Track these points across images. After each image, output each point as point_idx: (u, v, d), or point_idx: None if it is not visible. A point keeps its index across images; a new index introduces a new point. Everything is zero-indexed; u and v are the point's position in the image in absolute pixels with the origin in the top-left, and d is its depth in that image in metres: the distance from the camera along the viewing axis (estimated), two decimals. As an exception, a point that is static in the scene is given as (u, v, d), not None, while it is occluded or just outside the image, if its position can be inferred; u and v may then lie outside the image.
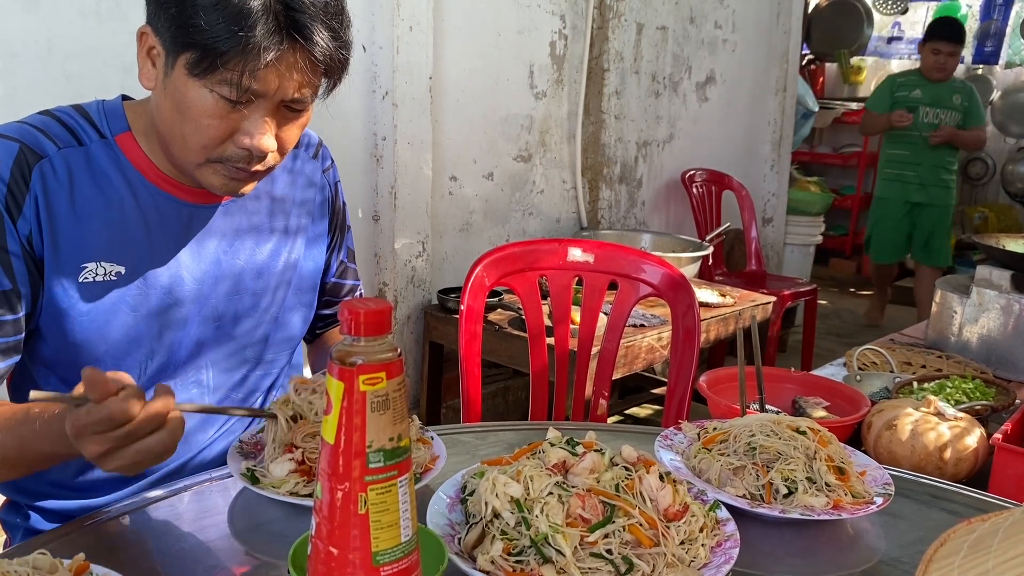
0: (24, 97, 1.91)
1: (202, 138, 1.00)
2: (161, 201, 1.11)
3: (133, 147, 1.09)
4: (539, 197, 3.36)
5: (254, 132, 1.00)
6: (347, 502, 0.63)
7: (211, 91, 0.97)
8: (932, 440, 1.67)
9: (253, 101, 0.98)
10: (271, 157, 1.04)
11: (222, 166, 1.03)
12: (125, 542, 0.95)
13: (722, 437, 1.11)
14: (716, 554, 0.88)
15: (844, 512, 1.00)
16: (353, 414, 0.62)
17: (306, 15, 0.95)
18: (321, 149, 1.33)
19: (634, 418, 3.53)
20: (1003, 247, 2.55)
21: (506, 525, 0.84)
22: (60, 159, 1.05)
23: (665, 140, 3.96)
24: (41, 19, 1.91)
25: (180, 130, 1.01)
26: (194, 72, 0.96)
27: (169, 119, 1.01)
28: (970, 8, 6.66)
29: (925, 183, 4.61)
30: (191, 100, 0.98)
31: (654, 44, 3.76)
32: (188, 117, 0.99)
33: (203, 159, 1.02)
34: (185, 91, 0.98)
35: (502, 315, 2.63)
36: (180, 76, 0.97)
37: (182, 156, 1.04)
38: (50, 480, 1.17)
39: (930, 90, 4.52)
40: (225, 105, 0.98)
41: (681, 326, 1.74)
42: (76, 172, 1.06)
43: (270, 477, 0.97)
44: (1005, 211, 6.50)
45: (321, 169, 1.31)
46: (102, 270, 1.07)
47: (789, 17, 4.54)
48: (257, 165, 1.04)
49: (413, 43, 2.65)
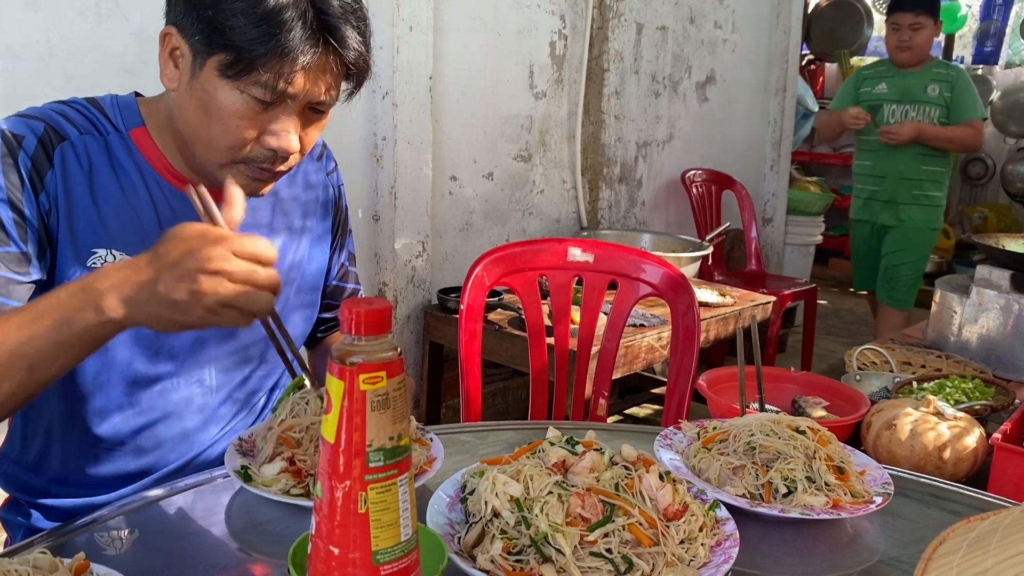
0: (24, 97, 1.91)
1: (230, 139, 1.01)
2: (172, 197, 1.11)
3: (147, 142, 1.10)
4: (539, 197, 3.36)
5: (281, 133, 1.01)
6: (347, 501, 0.63)
7: (242, 93, 0.98)
8: (931, 440, 1.67)
9: (283, 103, 1.00)
10: (293, 158, 1.05)
11: (246, 167, 1.04)
12: (127, 541, 0.95)
13: (722, 436, 1.11)
14: (716, 553, 0.88)
15: (843, 511, 1.00)
16: (353, 413, 0.63)
17: (337, 18, 0.97)
18: (325, 151, 1.34)
19: (634, 418, 3.53)
20: (1003, 247, 2.55)
21: (506, 524, 0.84)
22: (81, 144, 1.06)
23: (665, 140, 3.96)
24: (41, 19, 1.91)
25: (207, 131, 1.02)
26: (227, 74, 0.97)
27: (194, 120, 1.02)
28: (970, 8, 6.66)
29: (893, 200, 3.67)
30: (221, 101, 0.99)
31: (654, 44, 3.76)
32: (217, 118, 1.00)
33: (228, 160, 1.03)
34: (215, 92, 0.99)
35: (502, 315, 2.63)
36: (210, 77, 0.98)
37: (206, 156, 1.05)
38: (52, 477, 1.17)
39: (898, 82, 3.62)
40: (256, 107, 0.99)
41: (681, 325, 1.74)
42: (96, 159, 1.07)
43: (261, 476, 0.98)
44: (1005, 211, 6.50)
45: (325, 171, 1.32)
46: (112, 257, 1.07)
47: (789, 17, 4.54)
48: (280, 166, 1.05)
49: (413, 43, 2.65)
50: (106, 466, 1.17)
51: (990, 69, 6.69)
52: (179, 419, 1.18)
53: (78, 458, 1.16)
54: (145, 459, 1.18)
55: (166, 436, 1.18)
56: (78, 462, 1.16)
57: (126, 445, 1.16)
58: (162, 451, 1.19)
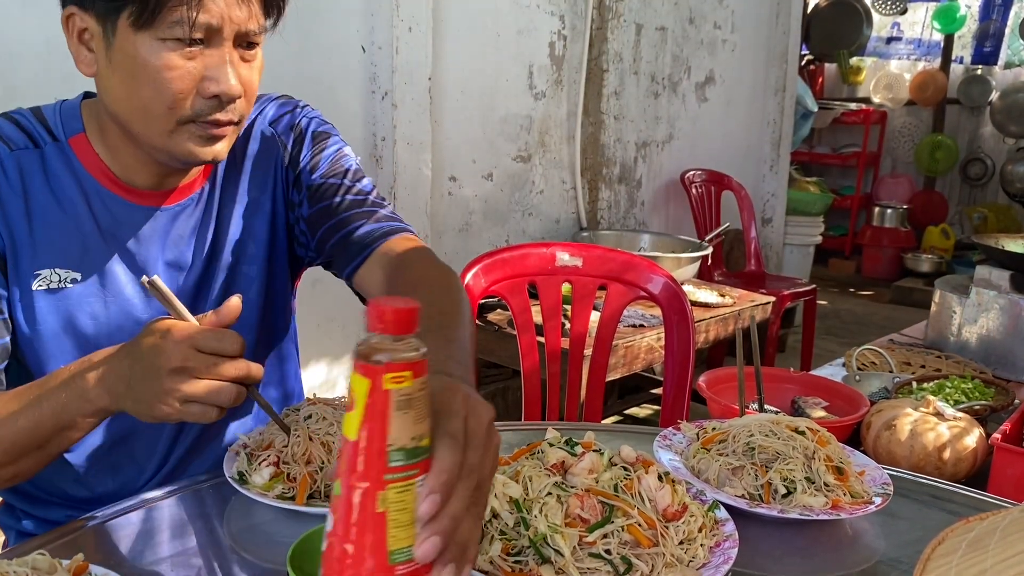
0: (22, 97, 1.90)
1: (166, 97, 0.95)
2: (113, 205, 1.07)
3: (86, 149, 1.06)
4: (538, 197, 3.36)
5: (218, 76, 0.96)
6: (365, 500, 0.63)
7: (163, 40, 0.93)
8: (931, 440, 1.67)
9: (207, 41, 0.95)
10: (240, 104, 1.00)
11: (195, 126, 0.98)
12: (124, 543, 0.95)
13: (721, 437, 1.11)
14: (715, 554, 0.88)
15: (843, 512, 1.00)
16: (376, 412, 0.62)
17: None
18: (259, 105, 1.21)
19: (633, 418, 3.53)
20: (1002, 247, 2.55)
21: (505, 525, 0.84)
22: (12, 162, 1.02)
23: (664, 140, 3.96)
24: (40, 19, 1.91)
25: (139, 99, 0.96)
26: (140, 24, 0.92)
27: (125, 92, 0.97)
28: (969, 8, 6.66)
29: None
30: (145, 58, 0.94)
31: (653, 44, 3.76)
32: (146, 79, 0.94)
33: (172, 123, 0.97)
34: (136, 51, 0.94)
35: (501, 316, 2.63)
36: (126, 38, 0.94)
37: (148, 128, 0.98)
38: (48, 489, 1.16)
39: None
40: (181, 51, 0.94)
41: (675, 326, 1.75)
42: (29, 175, 1.03)
43: (254, 480, 0.98)
44: (1004, 211, 6.50)
45: (261, 129, 1.19)
46: (56, 277, 1.04)
47: (788, 17, 4.54)
48: (228, 115, 0.99)
49: (412, 43, 2.65)
50: (83, 486, 1.15)
51: (989, 69, 6.69)
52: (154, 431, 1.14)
53: (55, 478, 1.14)
54: (121, 476, 1.15)
55: (139, 451, 1.15)
56: (73, 473, 1.14)
57: (101, 463, 1.14)
58: (138, 465, 1.15)
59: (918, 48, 7.02)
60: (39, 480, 1.12)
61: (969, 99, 6.66)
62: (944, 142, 6.71)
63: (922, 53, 6.99)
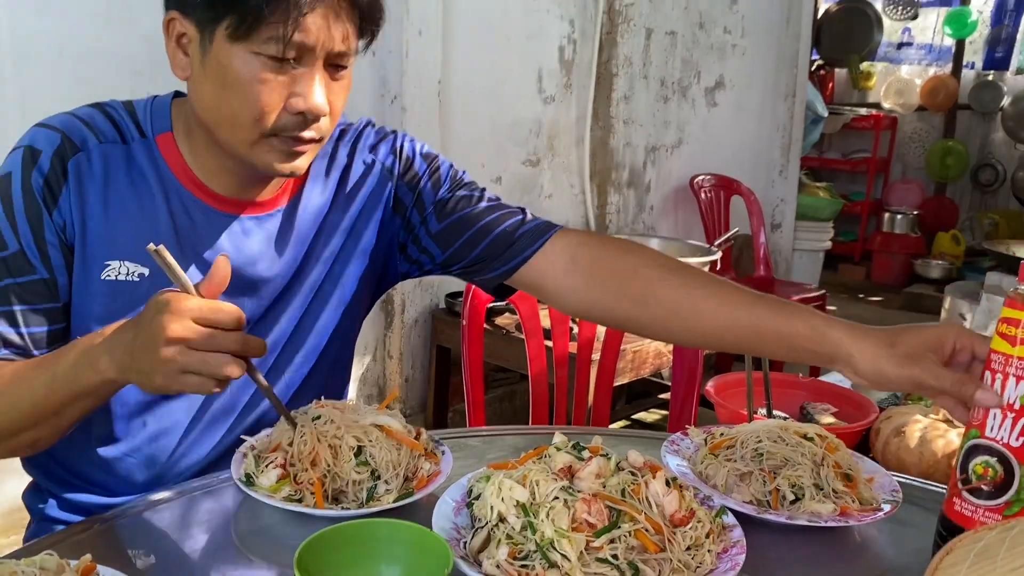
0: (34, 100, 1.92)
1: (253, 109, 0.98)
2: (191, 206, 1.09)
3: (171, 148, 1.08)
4: (547, 202, 3.36)
5: (306, 93, 0.98)
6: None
7: (257, 54, 0.95)
8: (941, 447, 1.66)
9: (299, 59, 0.97)
10: (324, 122, 1.02)
11: (278, 140, 1.01)
12: (132, 543, 0.95)
13: (729, 443, 1.11)
14: (722, 560, 0.87)
15: (851, 519, 1.00)
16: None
17: None
18: (358, 133, 1.25)
19: (641, 423, 3.52)
20: (1013, 253, 2.54)
21: (512, 529, 0.84)
22: (98, 154, 1.05)
23: (674, 145, 3.96)
24: (52, 22, 1.92)
25: (228, 107, 0.99)
26: (236, 36, 0.94)
27: (214, 100, 1.00)
28: (981, 14, 6.64)
29: None
30: (238, 69, 0.96)
31: (663, 49, 3.76)
32: (236, 89, 0.97)
33: (256, 135, 1.00)
34: (230, 61, 0.96)
35: (509, 320, 2.64)
36: (222, 48, 0.96)
37: (233, 137, 1.01)
38: (73, 470, 1.17)
39: None
40: (273, 66, 0.96)
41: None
42: (113, 169, 1.06)
43: (261, 483, 0.98)
44: (1015, 217, 6.47)
45: (364, 159, 1.23)
46: (125, 269, 1.06)
47: (799, 22, 4.54)
48: (312, 132, 1.02)
49: (422, 47, 2.65)
50: (116, 473, 1.15)
51: (1001, 75, 6.67)
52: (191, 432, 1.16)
53: (89, 462, 1.15)
54: (155, 470, 1.16)
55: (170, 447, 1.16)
56: (90, 465, 1.15)
57: (136, 455, 1.15)
58: (173, 460, 1.16)
59: (929, 53, 7.00)
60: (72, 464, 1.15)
61: (980, 105, 6.64)
62: (955, 148, 6.68)
63: (933, 58, 6.97)
